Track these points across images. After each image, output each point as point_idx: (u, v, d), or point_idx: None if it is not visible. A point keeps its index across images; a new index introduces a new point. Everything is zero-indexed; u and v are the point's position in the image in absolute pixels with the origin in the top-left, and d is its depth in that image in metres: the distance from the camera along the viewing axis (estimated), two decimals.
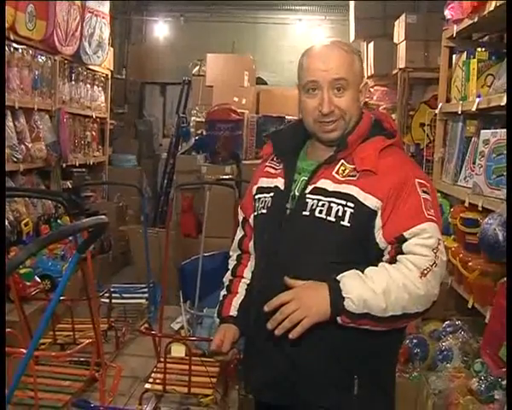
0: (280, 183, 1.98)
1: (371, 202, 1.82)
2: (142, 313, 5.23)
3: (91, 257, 5.92)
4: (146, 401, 3.68)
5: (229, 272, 2.18)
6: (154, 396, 3.74)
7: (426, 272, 1.76)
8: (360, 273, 1.78)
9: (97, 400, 3.44)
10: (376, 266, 1.81)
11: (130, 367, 4.28)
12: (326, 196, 1.85)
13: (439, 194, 4.29)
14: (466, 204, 3.58)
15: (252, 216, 2.09)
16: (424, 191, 1.85)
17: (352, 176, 1.86)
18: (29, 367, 2.92)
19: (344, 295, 1.74)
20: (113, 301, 4.94)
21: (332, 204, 1.84)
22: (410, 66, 5.87)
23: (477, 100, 3.58)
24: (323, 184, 1.88)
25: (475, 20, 3.69)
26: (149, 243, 5.46)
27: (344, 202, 1.83)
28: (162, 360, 3.62)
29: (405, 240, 1.79)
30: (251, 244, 2.11)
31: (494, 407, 2.75)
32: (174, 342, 3.61)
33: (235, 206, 4.61)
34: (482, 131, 3.58)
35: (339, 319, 1.76)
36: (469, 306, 3.43)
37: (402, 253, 1.79)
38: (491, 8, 3.37)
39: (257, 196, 2.06)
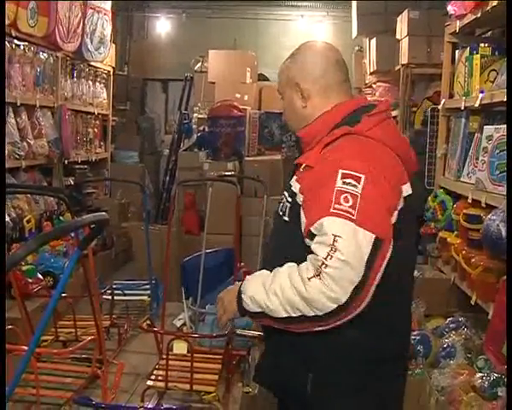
0: None
1: (299, 196, 1.83)
2: (144, 310, 5.22)
3: (93, 254, 5.96)
4: (148, 397, 3.68)
5: None
6: (156, 393, 3.73)
7: (318, 272, 1.64)
8: (266, 273, 1.82)
9: (99, 397, 3.44)
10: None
11: (133, 364, 4.28)
12: (287, 193, 1.92)
13: (441, 190, 4.29)
14: (469, 200, 3.58)
15: None
16: (346, 183, 1.69)
17: (302, 171, 1.90)
18: (30, 364, 2.91)
19: (243, 296, 1.82)
20: (115, 297, 4.93)
21: (283, 200, 1.92)
22: (413, 62, 5.85)
23: (480, 95, 3.57)
24: (292, 182, 1.92)
25: (478, 15, 3.67)
26: (151, 240, 5.46)
27: (288, 198, 1.89)
28: (164, 356, 3.61)
29: (313, 234, 1.71)
30: None
31: (497, 404, 2.75)
32: (176, 339, 3.60)
33: (237, 202, 4.61)
34: (485, 127, 3.57)
35: (249, 318, 1.88)
36: (472, 302, 3.43)
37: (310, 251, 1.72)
38: (494, 4, 3.36)
39: None
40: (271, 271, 1.82)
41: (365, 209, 1.67)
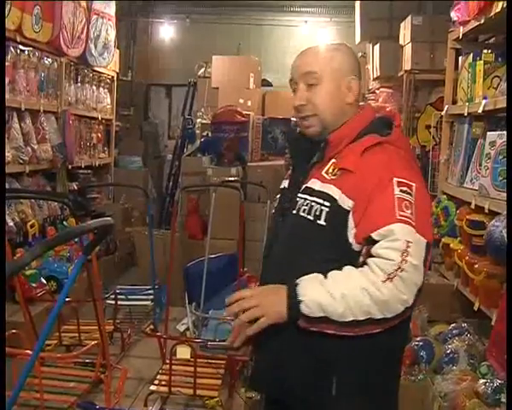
0: (286, 183, 2.05)
1: (345, 201, 1.80)
2: (147, 315, 5.22)
3: (97, 259, 5.97)
4: (151, 402, 3.69)
5: None
6: (159, 398, 3.74)
7: (391, 276, 1.68)
8: (321, 277, 1.75)
9: (103, 401, 3.44)
10: (355, 266, 1.77)
11: (136, 369, 4.28)
12: (311, 196, 1.86)
13: (444, 196, 4.29)
14: (472, 206, 3.58)
15: None
16: (403, 191, 1.76)
17: (336, 175, 1.86)
18: (34, 369, 2.92)
19: (299, 299, 1.72)
20: (119, 302, 4.94)
21: (313, 203, 1.85)
22: (416, 68, 5.86)
23: (483, 102, 3.57)
24: (313, 183, 1.89)
25: (482, 21, 3.69)
26: (155, 245, 5.46)
27: (322, 201, 1.83)
28: (167, 361, 3.62)
29: (374, 242, 1.73)
30: None
31: None
32: (179, 344, 3.60)
33: (240, 208, 4.61)
34: (488, 133, 3.57)
35: (299, 322, 1.74)
36: (475, 308, 3.43)
37: (372, 256, 1.74)
38: (498, 10, 3.37)
39: (276, 197, 2.13)
40: (284, 273, 1.82)
41: (419, 216, 1.75)
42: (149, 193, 7.61)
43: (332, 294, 1.70)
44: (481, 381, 2.93)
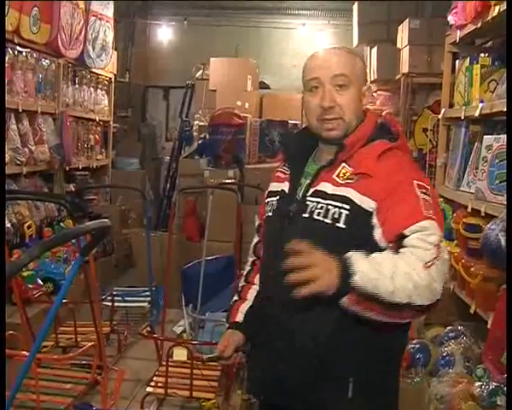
0: (286, 186, 2.02)
1: (367, 203, 1.82)
2: (144, 317, 5.23)
3: (94, 260, 5.96)
4: (148, 404, 3.69)
5: (242, 278, 2.23)
6: (155, 400, 3.74)
7: (429, 264, 1.72)
8: (368, 256, 1.74)
9: (99, 403, 3.44)
10: None
11: (133, 371, 4.28)
12: (325, 199, 1.87)
13: (441, 199, 4.30)
14: (468, 209, 3.58)
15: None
16: (423, 192, 1.83)
17: (351, 179, 1.87)
18: (31, 370, 2.92)
19: (353, 271, 1.69)
20: (116, 304, 4.94)
21: (329, 207, 1.85)
22: (414, 71, 5.88)
23: (480, 105, 3.58)
24: (324, 187, 1.89)
25: (479, 25, 3.70)
26: (152, 247, 5.47)
27: (340, 205, 1.84)
28: (164, 363, 3.62)
29: (405, 236, 1.77)
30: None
31: None
32: (176, 346, 3.60)
33: (237, 210, 4.62)
34: (485, 137, 3.58)
35: (346, 299, 1.70)
36: (472, 311, 3.43)
37: (403, 246, 1.77)
38: (495, 14, 3.38)
39: (266, 200, 2.10)
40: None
41: (437, 215, 1.83)
42: (147, 195, 7.61)
43: (381, 272, 1.70)
44: (477, 384, 2.94)
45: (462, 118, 3.95)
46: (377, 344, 1.87)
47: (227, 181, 6.01)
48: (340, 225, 1.83)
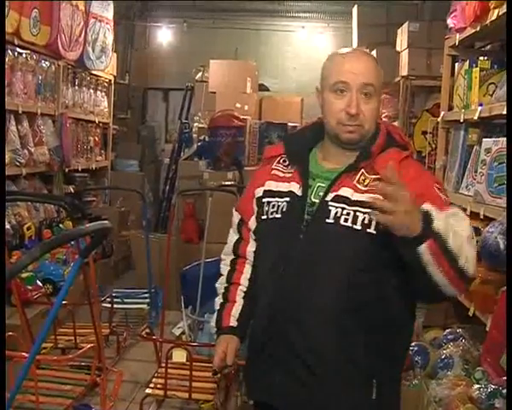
0: (295, 188, 1.96)
1: None
2: (143, 319, 5.23)
3: (93, 262, 5.96)
4: (147, 406, 3.69)
5: (223, 278, 2.17)
6: (154, 401, 3.75)
7: (471, 236, 1.74)
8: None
9: (98, 404, 3.45)
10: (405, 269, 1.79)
11: (132, 372, 4.28)
12: (350, 205, 1.85)
13: None
14: (467, 212, 3.58)
15: (252, 219, 2.08)
16: (443, 193, 1.89)
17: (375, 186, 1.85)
18: (30, 371, 2.92)
19: (433, 215, 1.67)
20: (115, 306, 4.94)
21: (357, 213, 1.83)
22: (413, 74, 5.88)
23: (479, 108, 3.59)
24: (345, 192, 1.87)
25: (478, 28, 3.70)
26: (151, 249, 5.47)
27: (370, 211, 1.80)
28: (163, 365, 3.62)
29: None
30: (248, 249, 2.11)
31: None
32: (175, 348, 3.60)
33: None
34: (484, 140, 3.59)
35: (425, 245, 1.64)
36: (470, 314, 3.43)
37: None
38: (494, 18, 3.38)
39: (265, 200, 2.02)
40: (323, 280, 1.84)
41: None
42: (146, 197, 7.62)
43: (455, 227, 1.69)
44: (475, 386, 2.94)
45: (461, 121, 3.96)
46: (383, 349, 1.88)
47: (226, 183, 6.01)
48: (371, 230, 1.82)
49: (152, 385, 3.64)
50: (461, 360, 3.37)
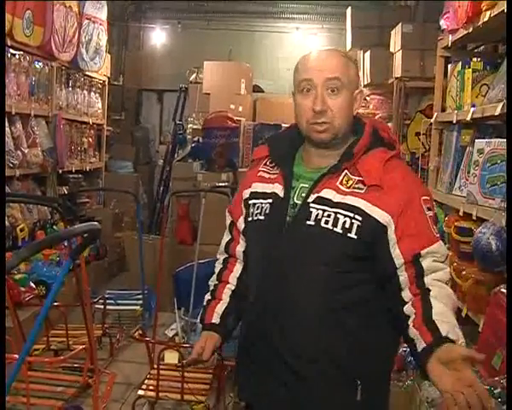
0: (278, 189, 1.95)
1: (381, 215, 1.81)
2: (136, 320, 5.22)
3: (86, 263, 5.95)
4: (139, 407, 3.67)
5: (214, 276, 2.17)
6: (147, 403, 3.73)
7: (448, 282, 1.84)
8: (445, 317, 1.74)
9: (90, 406, 3.43)
10: (385, 278, 1.83)
11: (124, 374, 4.28)
12: (331, 207, 1.84)
13: (433, 203, 4.31)
14: (460, 213, 3.58)
15: (241, 220, 2.08)
16: (428, 208, 1.86)
17: (358, 188, 1.85)
18: (21, 373, 2.91)
19: (459, 343, 1.70)
20: (108, 307, 4.93)
21: (338, 215, 1.82)
22: (406, 75, 5.89)
23: (471, 109, 3.59)
24: (327, 194, 1.86)
25: (470, 30, 3.70)
26: (144, 250, 5.46)
27: (351, 215, 1.81)
28: (155, 366, 3.61)
29: (420, 256, 1.81)
30: (238, 249, 2.10)
31: None
32: (167, 349, 3.60)
33: None
34: (477, 141, 3.59)
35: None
36: (463, 314, 3.43)
37: (423, 271, 1.80)
38: (486, 19, 3.38)
39: (251, 202, 2.02)
40: (302, 281, 1.85)
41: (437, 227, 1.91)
42: (140, 198, 7.61)
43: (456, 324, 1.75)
44: None
45: (454, 122, 3.96)
46: (373, 351, 1.88)
47: (220, 184, 6.00)
48: (352, 235, 1.81)
49: (144, 387, 3.63)
50: None
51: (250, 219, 2.01)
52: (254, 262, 2.00)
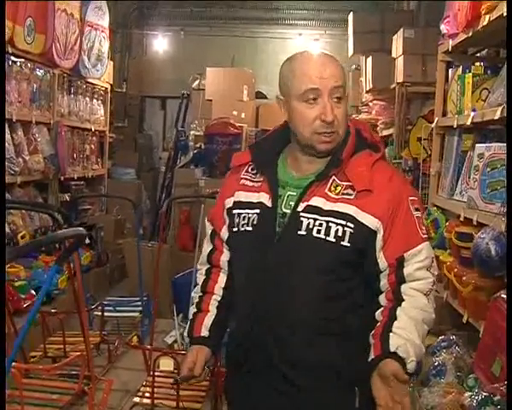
0: (265, 199, 1.90)
1: (371, 221, 1.79)
2: (135, 327, 5.20)
3: (88, 270, 5.95)
4: None
5: (198, 288, 2.10)
6: None
7: (429, 293, 1.82)
8: (404, 332, 1.76)
9: None
10: (373, 283, 1.84)
11: (122, 381, 4.26)
12: (322, 215, 1.81)
13: (435, 208, 4.28)
14: (461, 218, 3.56)
15: (224, 230, 2.02)
16: (416, 209, 1.85)
17: (348, 194, 1.82)
18: (16, 380, 2.89)
19: (409, 360, 1.73)
20: (107, 314, 4.91)
21: (330, 224, 1.80)
22: (408, 80, 5.86)
23: (472, 114, 3.56)
24: (316, 202, 1.83)
25: (470, 34, 3.68)
26: (145, 257, 5.44)
27: (343, 222, 1.79)
28: (152, 373, 3.59)
29: (404, 260, 1.80)
30: (222, 259, 2.05)
31: None
32: (162, 356, 3.57)
33: None
34: (477, 145, 3.56)
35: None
36: (464, 320, 3.40)
37: (403, 278, 1.80)
38: (485, 23, 3.36)
39: (236, 211, 1.96)
40: (297, 298, 1.83)
41: (426, 229, 1.92)
42: (143, 205, 7.61)
43: (415, 341, 1.76)
44: (467, 394, 2.90)
45: (455, 126, 3.93)
46: (364, 356, 1.84)
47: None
48: (345, 243, 1.79)
49: (140, 394, 3.61)
50: (454, 368, 3.34)
51: (236, 229, 1.95)
52: (243, 273, 1.95)
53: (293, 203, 1.86)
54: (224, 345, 2.08)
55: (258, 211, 1.90)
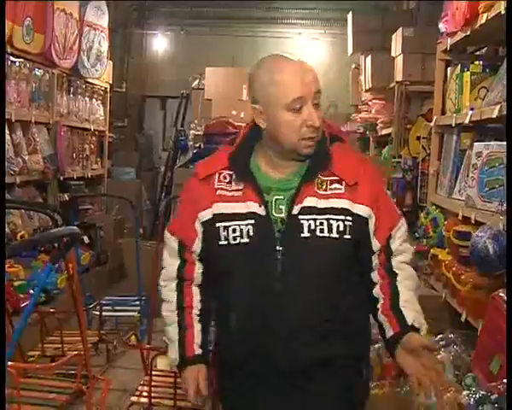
0: (254, 208, 1.85)
1: (364, 210, 1.85)
2: (134, 326, 5.19)
3: (87, 270, 5.93)
4: None
5: (171, 305, 2.00)
6: (141, 409, 3.70)
7: (411, 262, 1.97)
8: (411, 304, 1.88)
9: None
10: (366, 265, 1.92)
11: (121, 380, 4.25)
12: (320, 214, 1.82)
13: (434, 207, 4.28)
14: (460, 217, 3.56)
15: (197, 243, 1.94)
16: (387, 188, 1.95)
17: (336, 189, 1.85)
18: (13, 379, 2.89)
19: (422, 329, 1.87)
20: (106, 313, 4.90)
21: (331, 221, 1.81)
22: (408, 79, 5.86)
23: (470, 113, 3.56)
24: (310, 202, 1.83)
25: (468, 33, 3.68)
26: (144, 256, 5.43)
27: (342, 217, 1.82)
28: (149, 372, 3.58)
29: (391, 238, 1.91)
30: (197, 271, 1.98)
31: None
32: (159, 355, 3.56)
33: None
34: (475, 144, 3.56)
35: None
36: (462, 319, 3.40)
37: (392, 253, 1.90)
38: (483, 21, 3.35)
39: (220, 224, 1.88)
40: (307, 294, 1.85)
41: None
42: (143, 204, 7.59)
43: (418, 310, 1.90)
44: (464, 392, 2.89)
45: (453, 125, 3.93)
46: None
47: None
48: (347, 236, 1.83)
49: (137, 393, 3.60)
50: (452, 366, 3.33)
51: (224, 242, 1.88)
52: (243, 282, 1.89)
53: (283, 207, 1.85)
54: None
55: (252, 221, 1.85)
